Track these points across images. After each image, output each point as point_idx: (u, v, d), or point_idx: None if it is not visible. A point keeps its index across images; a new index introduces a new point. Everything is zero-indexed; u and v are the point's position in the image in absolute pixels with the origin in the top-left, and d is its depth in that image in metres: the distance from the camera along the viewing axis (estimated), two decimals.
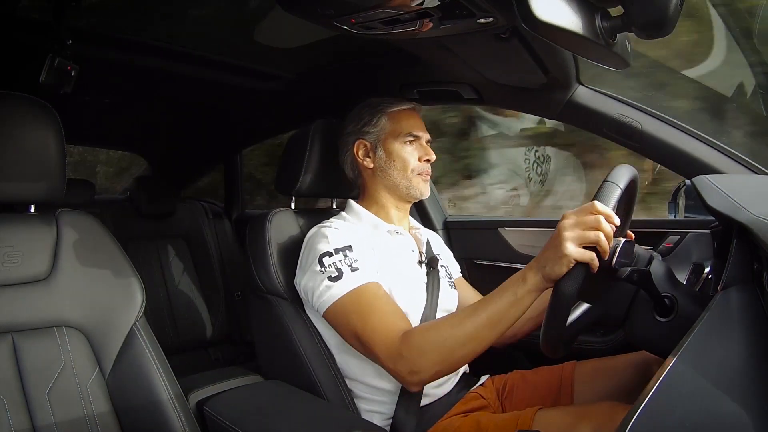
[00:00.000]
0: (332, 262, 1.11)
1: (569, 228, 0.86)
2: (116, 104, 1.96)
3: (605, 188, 0.90)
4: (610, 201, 0.88)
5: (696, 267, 1.24)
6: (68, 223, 1.02)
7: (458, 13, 0.94)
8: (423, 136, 1.31)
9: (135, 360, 0.99)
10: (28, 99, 0.95)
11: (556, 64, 1.24)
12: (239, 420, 1.03)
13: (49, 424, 0.90)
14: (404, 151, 1.28)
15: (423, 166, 1.29)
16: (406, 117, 1.31)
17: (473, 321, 0.94)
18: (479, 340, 0.94)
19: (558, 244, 0.86)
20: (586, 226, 0.85)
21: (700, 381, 0.54)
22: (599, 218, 0.85)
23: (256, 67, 1.65)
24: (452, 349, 0.95)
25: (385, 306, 1.07)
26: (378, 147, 1.30)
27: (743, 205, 0.75)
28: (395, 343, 0.99)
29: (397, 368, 0.99)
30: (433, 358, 0.96)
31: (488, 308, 0.94)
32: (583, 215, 0.86)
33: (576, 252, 0.84)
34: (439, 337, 0.96)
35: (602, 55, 0.94)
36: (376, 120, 1.31)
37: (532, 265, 0.91)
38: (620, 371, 1.17)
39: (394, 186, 1.29)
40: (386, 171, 1.29)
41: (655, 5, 0.76)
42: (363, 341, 1.05)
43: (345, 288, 1.08)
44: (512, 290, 0.92)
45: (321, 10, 0.96)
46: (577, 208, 0.88)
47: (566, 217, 0.88)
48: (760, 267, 0.69)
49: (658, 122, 1.29)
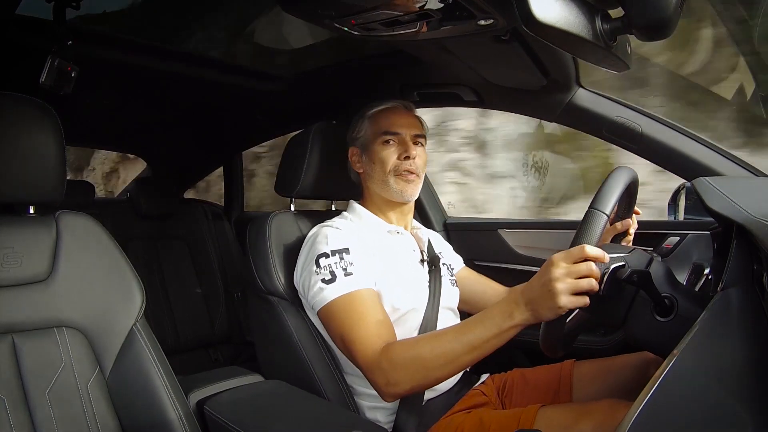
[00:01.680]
0: (328, 264, 1.11)
1: (561, 279, 0.84)
2: (116, 105, 1.95)
3: (591, 219, 0.89)
4: (597, 232, 0.88)
5: (696, 268, 1.24)
6: (68, 224, 1.02)
7: (458, 15, 0.94)
8: (405, 132, 1.26)
9: (135, 360, 0.99)
10: (28, 100, 0.94)
11: (556, 66, 1.24)
12: (239, 420, 1.03)
13: (49, 424, 0.90)
14: (382, 152, 1.26)
15: (402, 165, 1.24)
16: (384, 116, 1.29)
17: (453, 344, 0.94)
18: (457, 364, 0.95)
19: (552, 296, 0.84)
20: (579, 275, 0.84)
21: (699, 381, 0.54)
22: (590, 265, 0.84)
23: (257, 68, 1.65)
24: (430, 369, 0.96)
25: (372, 315, 1.07)
26: (363, 152, 1.30)
27: (743, 206, 0.76)
28: (376, 354, 1.00)
29: (374, 378, 1.01)
30: (410, 375, 0.97)
31: (470, 335, 0.94)
32: (574, 262, 0.85)
33: (570, 302, 0.84)
34: (418, 355, 0.97)
35: (602, 58, 0.94)
36: (360, 125, 1.31)
37: (520, 302, 0.90)
38: (619, 371, 1.18)
39: (381, 188, 1.28)
40: (371, 175, 1.29)
41: (655, 7, 0.76)
42: (346, 346, 1.07)
43: (336, 292, 1.09)
44: (497, 323, 0.91)
45: (321, 11, 0.96)
46: (565, 253, 0.86)
47: (556, 265, 0.85)
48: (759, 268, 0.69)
49: (658, 125, 1.29)
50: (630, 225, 1.19)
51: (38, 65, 1.16)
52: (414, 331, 1.19)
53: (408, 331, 1.18)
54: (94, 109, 1.90)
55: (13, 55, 1.33)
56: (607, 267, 0.87)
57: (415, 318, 1.19)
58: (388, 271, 1.18)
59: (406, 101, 1.34)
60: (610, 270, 0.87)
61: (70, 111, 1.18)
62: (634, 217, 1.19)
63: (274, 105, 1.92)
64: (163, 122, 2.25)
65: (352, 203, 1.34)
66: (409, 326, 1.18)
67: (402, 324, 1.17)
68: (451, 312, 1.31)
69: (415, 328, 1.19)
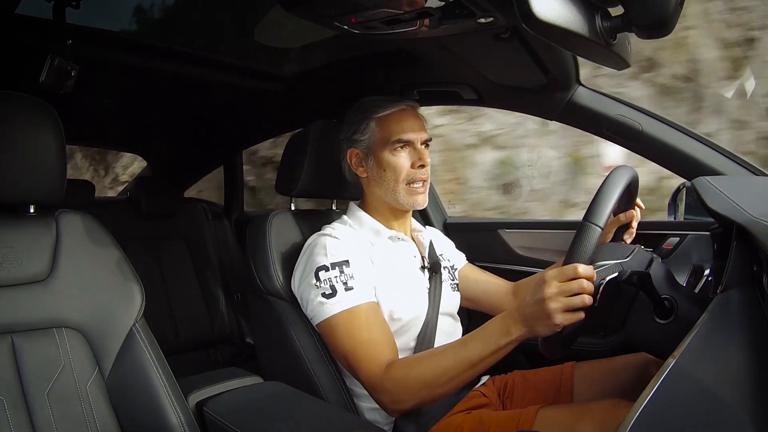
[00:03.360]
0: (327, 278, 1.11)
1: (554, 298, 0.85)
2: (116, 104, 1.95)
3: (585, 233, 0.89)
4: (590, 246, 0.88)
5: (696, 269, 1.24)
6: (68, 223, 1.01)
7: (458, 13, 0.94)
8: (416, 138, 1.22)
9: (134, 361, 0.99)
10: (28, 99, 0.94)
11: (556, 64, 1.24)
12: (239, 421, 1.03)
13: (48, 424, 0.90)
14: (395, 159, 1.21)
15: (416, 174, 1.21)
16: (395, 120, 1.23)
17: (454, 362, 0.97)
18: (458, 380, 0.98)
19: (546, 315, 0.86)
20: (571, 293, 0.85)
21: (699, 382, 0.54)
22: (582, 283, 0.85)
23: (257, 67, 1.65)
24: (432, 387, 0.99)
25: (373, 332, 1.07)
26: (369, 156, 1.24)
27: (743, 206, 0.75)
28: (379, 374, 1.02)
29: (379, 397, 1.04)
30: (414, 393, 1.00)
31: (469, 352, 0.96)
32: (565, 280, 0.86)
33: (565, 319, 0.86)
34: (420, 374, 0.99)
35: (602, 56, 0.94)
36: (365, 127, 1.24)
37: (517, 319, 0.92)
38: (620, 372, 1.17)
39: (389, 196, 1.24)
40: (379, 181, 1.24)
41: (655, 5, 0.76)
42: (349, 364, 1.08)
43: (337, 308, 1.09)
44: (495, 340, 0.94)
45: (321, 9, 0.96)
46: (558, 272, 0.87)
47: (548, 284, 0.86)
48: (759, 269, 0.69)
49: (658, 123, 1.29)
50: (633, 217, 1.17)
51: (38, 64, 1.15)
52: (413, 339, 1.19)
53: (407, 339, 1.18)
54: (94, 108, 1.90)
55: (13, 55, 1.33)
56: (602, 278, 0.87)
57: (414, 326, 1.19)
58: (387, 280, 1.17)
59: (412, 101, 1.29)
60: (604, 282, 0.87)
61: (70, 110, 1.17)
62: (637, 210, 1.17)
63: (274, 104, 1.92)
64: (163, 121, 2.26)
65: (353, 206, 1.31)
66: (409, 335, 1.19)
67: (401, 333, 1.17)
68: (451, 318, 1.30)
69: (414, 337, 1.19)
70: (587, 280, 0.85)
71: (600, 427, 0.93)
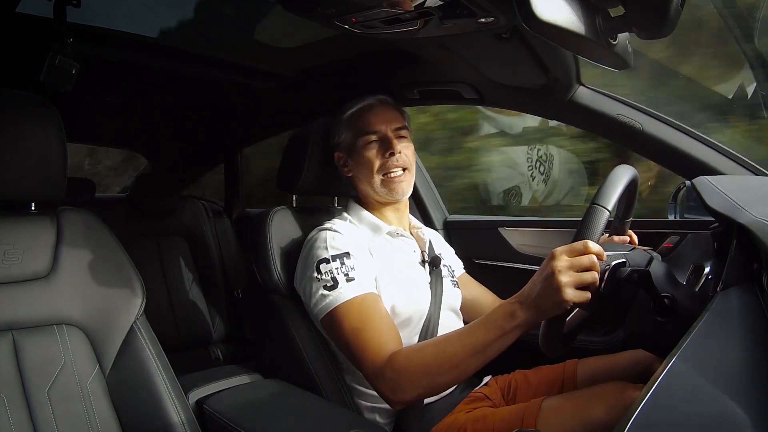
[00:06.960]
0: (329, 270, 1.11)
1: (564, 272, 0.83)
2: (117, 102, 1.96)
3: (593, 215, 0.89)
4: (599, 228, 0.88)
5: (696, 267, 1.24)
6: (69, 221, 1.02)
7: (459, 13, 0.94)
8: (384, 129, 1.24)
9: (135, 358, 0.99)
10: (30, 97, 0.95)
11: (557, 64, 1.24)
12: (239, 418, 1.03)
13: (49, 422, 0.90)
14: (365, 153, 1.24)
15: (388, 162, 1.22)
16: (360, 116, 1.27)
17: (458, 350, 0.94)
18: (462, 369, 0.94)
19: (555, 289, 0.83)
20: (582, 268, 0.83)
21: (699, 381, 0.54)
22: (593, 258, 0.83)
23: (257, 65, 1.65)
24: (435, 375, 0.96)
25: (376, 322, 1.06)
26: (349, 156, 1.29)
27: (743, 205, 0.75)
28: (381, 363, 1.00)
29: (380, 386, 1.01)
30: (416, 382, 0.97)
31: (474, 338, 0.93)
32: (577, 255, 0.84)
33: (575, 296, 0.83)
34: (423, 363, 0.97)
35: (602, 55, 0.94)
36: (339, 129, 1.30)
37: (523, 302, 0.88)
38: (623, 367, 1.17)
39: (370, 190, 1.26)
40: (361, 178, 1.27)
41: (655, 5, 0.76)
42: (352, 354, 1.06)
43: (339, 299, 1.08)
44: (500, 324, 0.90)
45: (322, 9, 0.96)
46: (567, 247, 0.85)
47: (558, 258, 0.84)
48: (759, 267, 0.69)
49: (659, 123, 1.29)
50: (626, 241, 1.17)
51: (39, 63, 1.16)
52: (416, 334, 1.19)
53: (411, 333, 1.18)
54: (95, 106, 1.90)
55: (13, 53, 1.33)
56: (608, 264, 0.87)
57: (416, 320, 1.19)
58: (388, 274, 1.18)
59: (381, 96, 1.30)
60: (611, 267, 0.87)
61: (72, 108, 1.18)
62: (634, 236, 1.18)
63: (274, 102, 1.92)
64: (163, 119, 2.26)
65: (352, 203, 1.32)
66: (412, 329, 1.18)
67: (404, 327, 1.16)
68: (454, 313, 1.30)
69: (417, 331, 1.19)
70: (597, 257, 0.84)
71: (613, 409, 0.92)
